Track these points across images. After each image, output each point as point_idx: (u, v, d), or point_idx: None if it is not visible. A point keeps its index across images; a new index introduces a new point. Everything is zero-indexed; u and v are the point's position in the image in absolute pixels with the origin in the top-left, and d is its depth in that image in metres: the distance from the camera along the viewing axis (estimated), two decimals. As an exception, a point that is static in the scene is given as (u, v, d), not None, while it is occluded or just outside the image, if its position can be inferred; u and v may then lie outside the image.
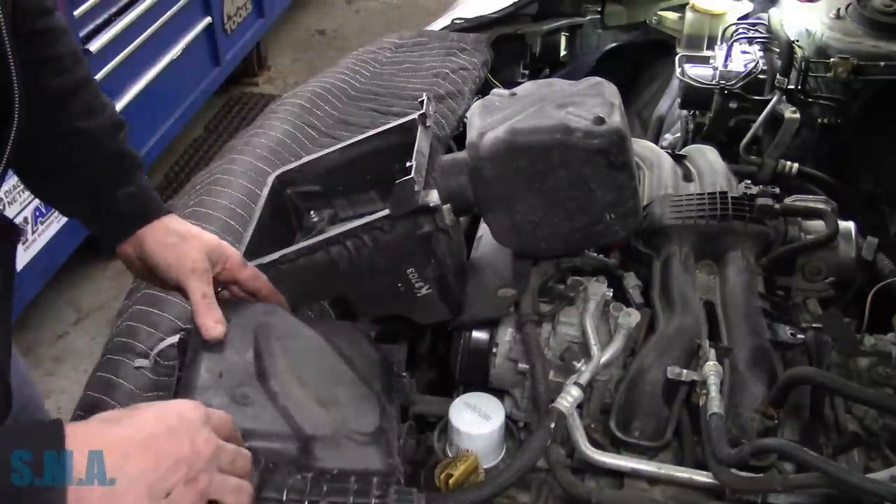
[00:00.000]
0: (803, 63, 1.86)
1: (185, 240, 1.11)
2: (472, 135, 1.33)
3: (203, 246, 1.11)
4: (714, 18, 2.27)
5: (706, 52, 2.23)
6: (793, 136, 1.86)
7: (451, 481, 1.17)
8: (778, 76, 1.92)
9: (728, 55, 2.08)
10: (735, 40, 2.13)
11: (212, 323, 1.05)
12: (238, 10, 4.24)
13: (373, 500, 0.98)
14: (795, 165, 1.87)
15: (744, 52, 2.09)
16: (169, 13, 3.51)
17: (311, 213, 1.45)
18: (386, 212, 1.19)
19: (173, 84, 3.61)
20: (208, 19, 3.89)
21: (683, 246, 1.47)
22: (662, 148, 1.90)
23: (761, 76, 2.00)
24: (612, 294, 1.36)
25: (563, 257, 1.42)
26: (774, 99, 1.89)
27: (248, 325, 1.12)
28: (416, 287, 1.24)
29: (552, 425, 1.18)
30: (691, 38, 2.30)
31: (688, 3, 2.30)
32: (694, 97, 2.07)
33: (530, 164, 1.28)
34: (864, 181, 1.89)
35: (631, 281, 1.43)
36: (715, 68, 2.06)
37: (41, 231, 2.88)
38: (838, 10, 1.88)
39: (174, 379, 1.09)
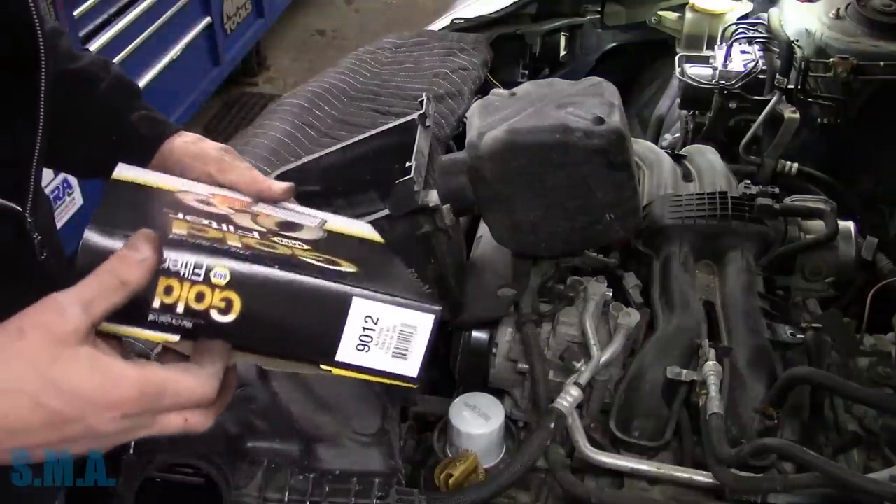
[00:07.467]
0: (803, 63, 1.86)
1: (203, 140, 1.03)
2: (471, 135, 1.34)
3: (222, 145, 1.02)
4: (714, 18, 2.26)
5: (706, 52, 2.23)
6: (793, 135, 1.86)
7: (451, 481, 1.17)
8: (778, 76, 1.92)
9: (728, 55, 2.08)
10: (735, 40, 2.13)
11: (274, 183, 0.91)
12: (238, 9, 4.24)
13: (374, 501, 0.99)
14: (795, 165, 1.87)
15: (743, 52, 2.09)
16: (169, 13, 3.51)
17: (312, 213, 1.45)
18: (386, 212, 1.19)
19: (173, 84, 3.61)
20: (208, 19, 3.89)
21: (683, 246, 1.47)
22: (662, 148, 1.91)
23: (761, 76, 2.00)
24: (612, 294, 1.36)
25: (563, 257, 1.42)
26: (774, 99, 1.89)
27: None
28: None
29: (552, 425, 1.18)
30: (691, 38, 2.30)
31: (688, 3, 2.30)
32: (694, 97, 2.07)
33: (530, 163, 1.28)
34: (864, 181, 1.88)
35: (631, 281, 1.43)
36: (715, 68, 2.06)
37: (41, 231, 2.87)
38: (838, 9, 1.88)
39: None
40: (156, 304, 0.64)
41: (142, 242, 0.63)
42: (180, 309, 0.64)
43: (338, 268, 0.71)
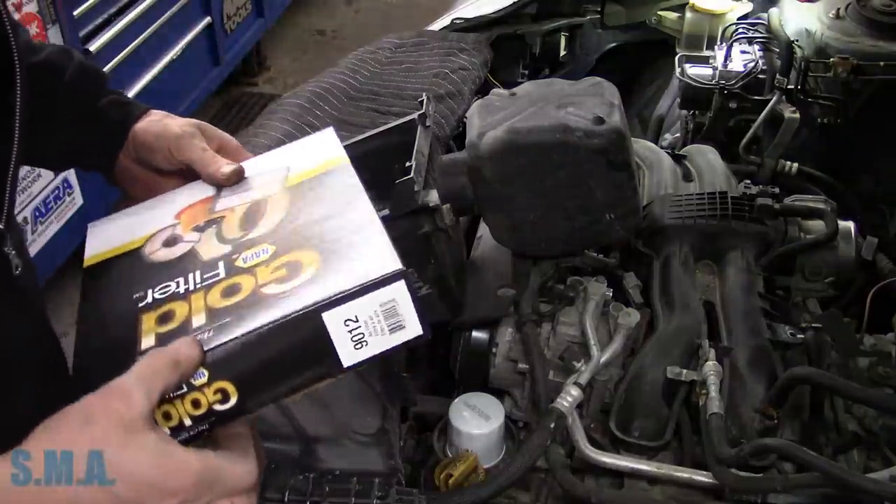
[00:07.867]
0: (803, 63, 1.86)
1: (168, 116, 1.04)
2: (471, 135, 1.34)
3: (187, 120, 1.03)
4: (714, 18, 2.27)
5: (706, 52, 2.23)
6: (793, 135, 1.86)
7: (450, 481, 1.17)
8: (778, 76, 1.92)
9: (728, 55, 2.08)
10: (735, 40, 2.13)
11: (223, 165, 0.94)
12: (238, 9, 4.24)
13: (374, 501, 0.99)
14: (795, 165, 1.87)
15: (743, 52, 2.09)
16: (169, 13, 3.51)
17: (312, 213, 1.45)
18: (386, 212, 1.19)
19: (173, 84, 3.60)
20: (208, 19, 3.89)
21: (683, 246, 1.47)
22: (662, 148, 1.91)
23: (761, 76, 2.00)
24: (612, 294, 1.36)
25: (563, 257, 1.42)
26: (774, 99, 1.89)
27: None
28: (416, 287, 1.24)
29: (552, 425, 1.18)
30: (691, 37, 2.30)
31: (688, 3, 2.30)
32: (694, 97, 2.07)
33: (530, 163, 1.28)
34: (864, 181, 1.89)
35: (631, 281, 1.43)
36: (715, 68, 2.06)
37: (41, 231, 2.87)
38: (838, 9, 1.88)
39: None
40: (167, 432, 0.67)
41: (188, 341, 0.68)
42: (188, 422, 0.67)
43: (298, 278, 0.71)
